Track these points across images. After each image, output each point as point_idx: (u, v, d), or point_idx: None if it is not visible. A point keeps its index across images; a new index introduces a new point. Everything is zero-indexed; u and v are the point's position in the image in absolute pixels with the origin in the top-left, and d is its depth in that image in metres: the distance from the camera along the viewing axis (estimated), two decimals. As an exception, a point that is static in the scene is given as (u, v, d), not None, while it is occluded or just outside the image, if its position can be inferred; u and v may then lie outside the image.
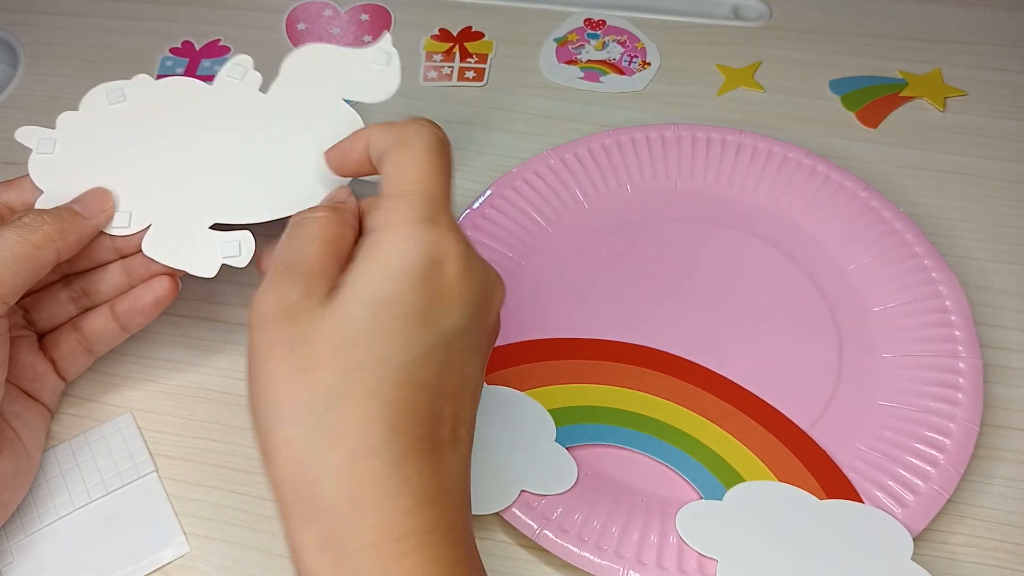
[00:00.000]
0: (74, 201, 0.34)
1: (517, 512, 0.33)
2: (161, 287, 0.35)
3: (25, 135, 0.36)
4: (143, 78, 0.38)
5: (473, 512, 0.28)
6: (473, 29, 0.53)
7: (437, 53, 0.52)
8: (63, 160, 0.36)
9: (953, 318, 0.38)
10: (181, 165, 0.37)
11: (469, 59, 0.52)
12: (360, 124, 0.39)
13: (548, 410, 0.36)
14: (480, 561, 0.26)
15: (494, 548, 0.34)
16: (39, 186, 0.35)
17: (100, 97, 0.37)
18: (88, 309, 0.36)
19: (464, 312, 0.26)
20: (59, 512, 0.35)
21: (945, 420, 0.35)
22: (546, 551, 0.33)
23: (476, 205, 0.43)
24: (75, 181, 0.35)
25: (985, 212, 0.44)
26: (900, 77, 0.50)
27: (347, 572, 0.24)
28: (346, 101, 0.38)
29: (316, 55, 0.39)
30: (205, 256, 0.34)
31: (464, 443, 0.27)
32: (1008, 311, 0.40)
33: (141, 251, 0.35)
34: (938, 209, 0.44)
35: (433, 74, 0.51)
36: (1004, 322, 0.40)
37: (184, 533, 0.34)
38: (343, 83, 0.39)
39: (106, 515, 0.35)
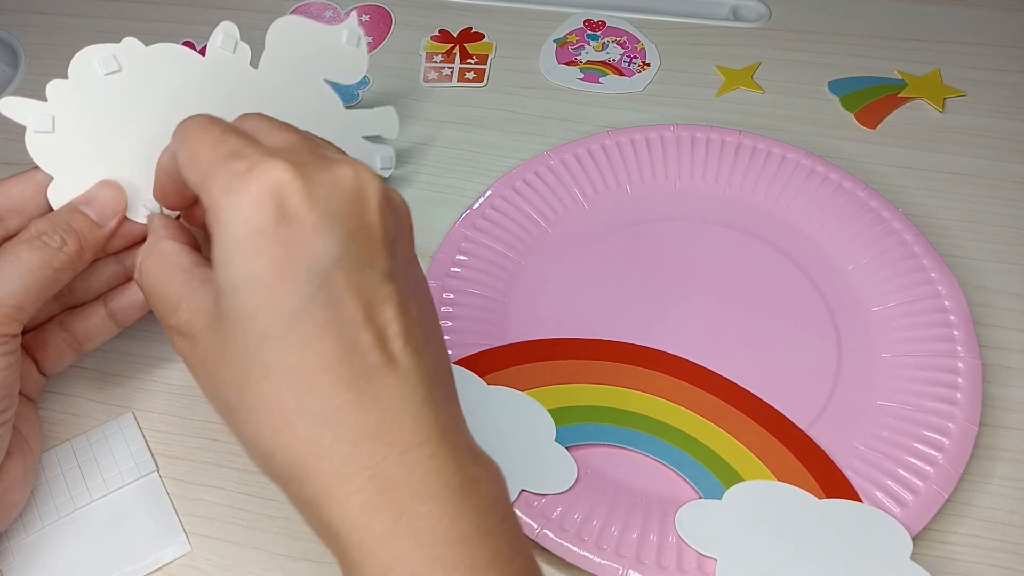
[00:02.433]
0: (86, 203, 0.33)
1: (517, 512, 0.33)
2: None
3: (12, 108, 0.32)
4: (132, 42, 0.34)
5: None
6: (473, 30, 0.53)
7: (437, 54, 0.52)
8: (67, 139, 0.33)
9: (952, 318, 0.38)
10: None
11: (469, 60, 0.52)
12: (340, 107, 0.40)
13: (548, 410, 0.36)
14: (472, 468, 0.25)
15: (494, 547, 0.34)
16: (46, 170, 0.33)
17: (92, 64, 0.33)
18: (73, 306, 0.35)
19: (325, 238, 0.24)
20: (60, 512, 0.35)
21: (944, 420, 0.35)
22: (546, 550, 0.33)
23: (476, 205, 0.43)
24: (86, 165, 0.33)
25: (984, 212, 0.44)
26: (899, 78, 0.50)
27: (316, 522, 0.24)
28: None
29: (295, 29, 0.39)
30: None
31: (406, 359, 0.25)
32: (1007, 311, 0.40)
33: (133, 245, 0.34)
34: (937, 209, 0.44)
35: (433, 75, 0.51)
36: (1003, 322, 0.40)
37: (185, 532, 0.34)
38: (320, 62, 0.39)
39: (107, 515, 0.35)
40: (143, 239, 0.34)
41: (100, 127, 0.34)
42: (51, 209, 0.33)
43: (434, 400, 0.25)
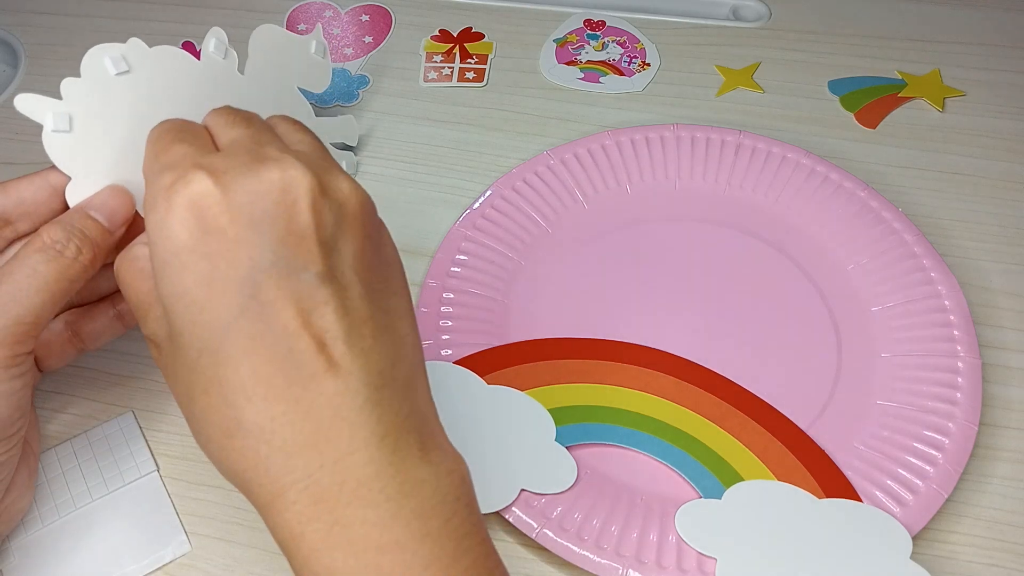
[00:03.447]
0: (96, 208, 0.32)
1: (517, 511, 0.33)
2: None
3: (29, 106, 0.31)
4: (137, 43, 0.34)
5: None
6: (473, 30, 0.54)
7: (437, 54, 0.52)
8: (84, 138, 0.32)
9: (952, 318, 0.38)
10: None
11: (469, 60, 0.52)
12: (312, 115, 0.43)
13: (548, 410, 0.36)
14: (415, 470, 0.24)
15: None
16: (63, 170, 0.32)
17: (103, 63, 0.33)
18: (76, 305, 0.35)
19: (251, 248, 0.24)
20: (61, 511, 0.35)
21: (944, 419, 0.35)
22: (546, 550, 0.33)
23: (476, 205, 0.43)
24: (104, 166, 0.33)
25: (984, 212, 0.44)
26: (899, 78, 0.50)
27: (278, 530, 0.24)
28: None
29: (273, 37, 0.40)
30: None
31: (348, 361, 0.24)
32: (1007, 311, 0.40)
33: None
34: (937, 209, 0.44)
35: (433, 75, 0.51)
36: (1003, 322, 0.40)
37: (185, 532, 0.34)
38: (294, 72, 0.42)
39: (108, 514, 0.35)
40: None
41: (116, 127, 0.33)
42: (62, 211, 0.33)
43: (378, 400, 0.24)
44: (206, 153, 0.26)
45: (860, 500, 0.33)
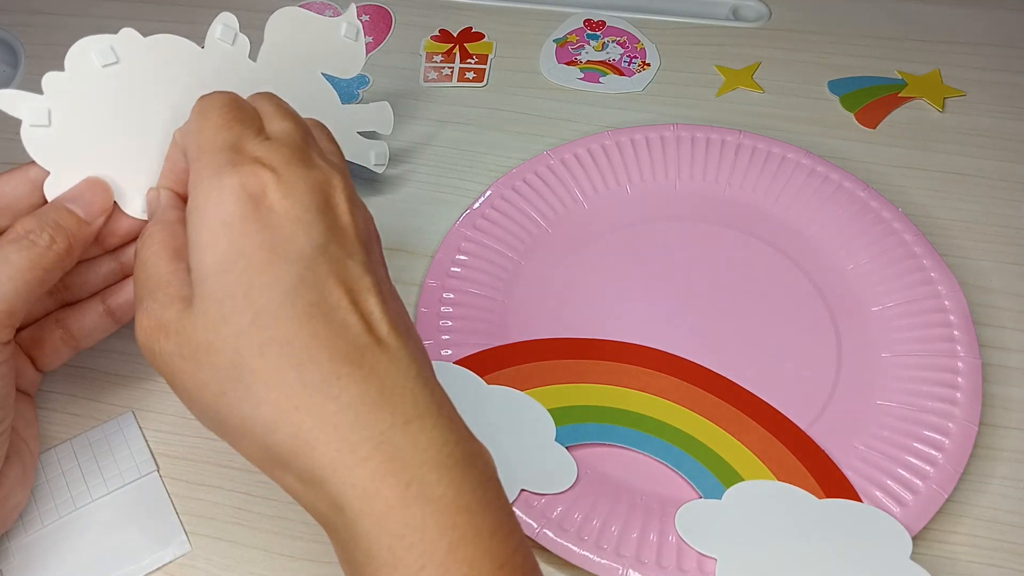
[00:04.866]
0: (72, 200, 0.32)
1: (517, 511, 0.33)
2: None
3: (7, 101, 0.31)
4: (130, 32, 0.34)
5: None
6: (473, 30, 0.54)
7: (437, 54, 0.52)
8: (63, 132, 0.32)
9: (952, 318, 0.38)
10: None
11: (469, 60, 0.52)
12: (337, 102, 0.41)
13: (548, 410, 0.36)
14: (471, 443, 0.26)
15: (494, 547, 0.34)
16: (42, 165, 0.32)
17: (89, 56, 0.32)
18: (69, 303, 0.35)
19: (307, 228, 0.26)
20: (61, 512, 0.35)
21: (944, 419, 0.35)
22: (546, 550, 0.33)
23: (476, 205, 0.43)
24: (83, 159, 0.32)
25: (984, 212, 0.44)
26: (899, 78, 0.50)
27: (319, 499, 0.25)
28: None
29: (294, 21, 0.39)
30: None
31: (393, 341, 0.26)
32: (1007, 311, 0.40)
33: (131, 240, 0.34)
34: (937, 209, 0.44)
35: (433, 75, 0.51)
36: (1003, 322, 0.40)
37: (185, 532, 0.34)
38: (318, 56, 0.40)
39: (107, 514, 0.35)
40: (136, 236, 0.34)
41: (97, 120, 0.33)
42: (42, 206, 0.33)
43: (426, 378, 0.26)
44: (262, 139, 0.28)
45: (860, 500, 0.33)
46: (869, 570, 0.31)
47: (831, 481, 0.34)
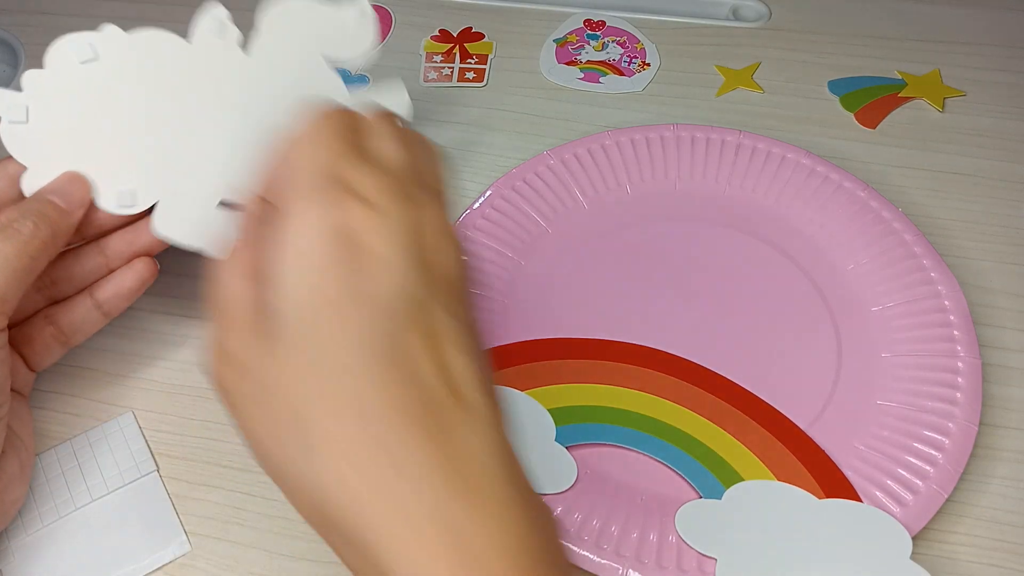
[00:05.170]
0: (52, 191, 0.32)
1: (517, 511, 0.33)
2: (145, 267, 0.35)
3: None
4: (112, 29, 0.34)
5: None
6: (473, 30, 0.54)
7: (437, 54, 0.52)
8: (40, 129, 0.32)
9: (952, 318, 0.38)
10: (168, 134, 0.34)
11: (469, 60, 0.52)
12: (343, 90, 0.38)
13: (548, 410, 0.36)
14: (539, 511, 0.24)
15: (494, 547, 0.34)
16: (20, 160, 0.32)
17: (67, 53, 0.33)
18: (59, 299, 0.35)
19: (393, 273, 0.24)
20: (60, 511, 0.35)
21: (944, 419, 0.35)
22: (546, 550, 0.33)
23: (476, 205, 0.43)
24: (60, 155, 0.32)
25: (984, 212, 0.44)
26: (899, 78, 0.50)
27: (365, 567, 0.23)
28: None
29: (294, 10, 0.36)
30: (223, 233, 0.31)
31: (478, 404, 0.24)
32: (1007, 311, 0.40)
33: (114, 232, 0.34)
34: (937, 209, 0.44)
35: (433, 75, 0.51)
36: (1003, 322, 0.40)
37: (185, 532, 0.34)
38: (321, 43, 0.37)
39: (107, 514, 0.35)
40: (114, 227, 0.34)
41: (75, 116, 0.33)
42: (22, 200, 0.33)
43: (504, 448, 0.24)
44: (368, 169, 0.26)
45: (860, 500, 0.33)
46: (869, 570, 0.31)
47: (831, 481, 0.34)
